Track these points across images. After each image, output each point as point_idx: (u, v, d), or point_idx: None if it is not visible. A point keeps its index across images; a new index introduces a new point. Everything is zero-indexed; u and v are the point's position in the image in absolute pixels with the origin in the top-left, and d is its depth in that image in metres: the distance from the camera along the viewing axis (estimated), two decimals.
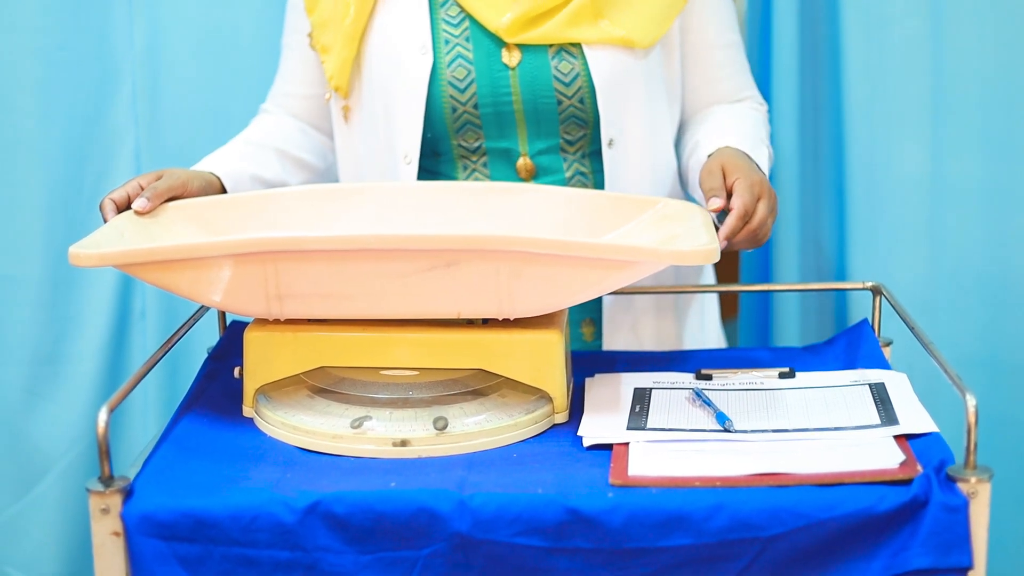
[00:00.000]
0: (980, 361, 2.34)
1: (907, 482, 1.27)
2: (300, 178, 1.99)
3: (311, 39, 1.94)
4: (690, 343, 1.99)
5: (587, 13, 1.82)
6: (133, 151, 2.36)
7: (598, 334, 1.94)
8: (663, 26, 1.86)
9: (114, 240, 1.51)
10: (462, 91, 1.83)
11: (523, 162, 1.86)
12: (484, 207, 1.72)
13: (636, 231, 1.63)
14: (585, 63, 1.82)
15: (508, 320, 1.48)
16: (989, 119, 2.26)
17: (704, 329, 2.03)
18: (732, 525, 1.25)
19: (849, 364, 1.66)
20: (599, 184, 1.89)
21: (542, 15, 1.82)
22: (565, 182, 1.88)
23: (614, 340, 1.93)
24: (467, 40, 1.83)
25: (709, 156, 1.74)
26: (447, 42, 1.84)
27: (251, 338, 1.51)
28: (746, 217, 1.60)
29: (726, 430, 1.43)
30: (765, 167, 1.76)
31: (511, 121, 1.85)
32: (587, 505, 1.26)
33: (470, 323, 1.50)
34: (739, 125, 1.87)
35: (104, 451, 1.30)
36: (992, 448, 2.31)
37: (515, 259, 1.41)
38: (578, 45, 1.83)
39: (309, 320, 1.50)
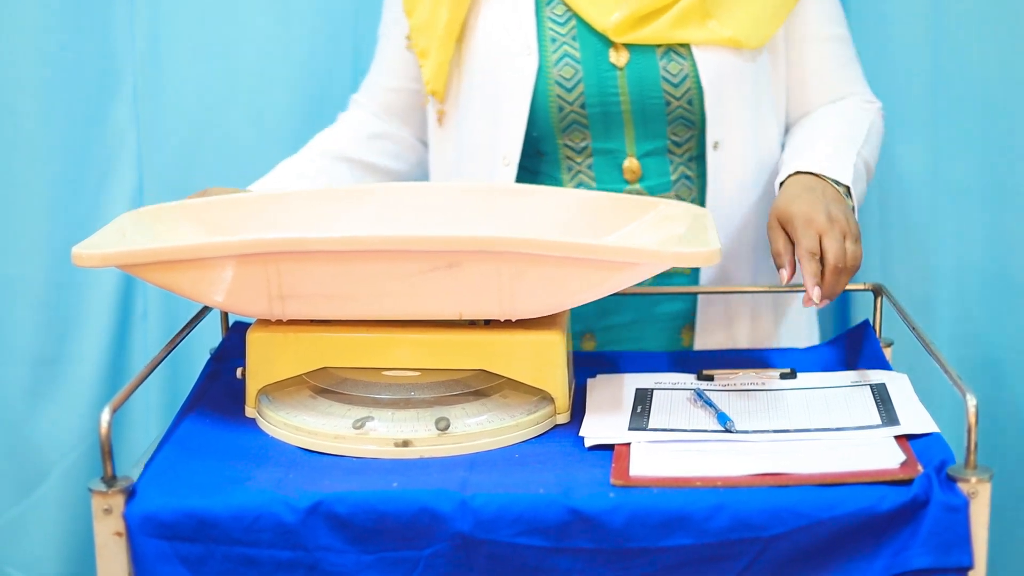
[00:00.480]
0: (980, 361, 2.35)
1: (908, 482, 1.27)
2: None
3: (409, 41, 1.95)
4: (786, 343, 1.97)
5: (695, 13, 1.80)
6: (134, 151, 2.37)
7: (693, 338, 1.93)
8: (772, 26, 1.85)
9: (116, 240, 1.51)
10: (569, 91, 1.82)
11: (629, 163, 1.85)
12: (486, 208, 1.73)
13: (638, 232, 1.63)
14: (694, 64, 1.81)
15: (510, 321, 1.48)
16: (988, 119, 2.27)
17: (809, 327, 2.01)
18: (733, 525, 1.25)
19: (850, 365, 1.67)
20: (703, 188, 1.88)
21: (650, 14, 1.81)
22: (670, 185, 1.86)
23: (706, 343, 1.92)
24: (574, 39, 1.83)
25: (779, 187, 1.70)
26: (553, 40, 1.83)
27: (253, 339, 1.51)
28: (815, 264, 1.55)
29: (727, 431, 1.43)
30: (846, 176, 1.70)
31: (618, 122, 1.84)
32: (589, 505, 1.26)
33: (472, 324, 1.50)
34: (826, 133, 1.83)
35: (107, 451, 1.30)
36: (993, 448, 2.32)
37: (517, 260, 1.41)
38: (686, 45, 1.82)
39: (311, 321, 1.50)
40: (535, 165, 1.90)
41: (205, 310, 1.70)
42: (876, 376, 1.58)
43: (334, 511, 1.27)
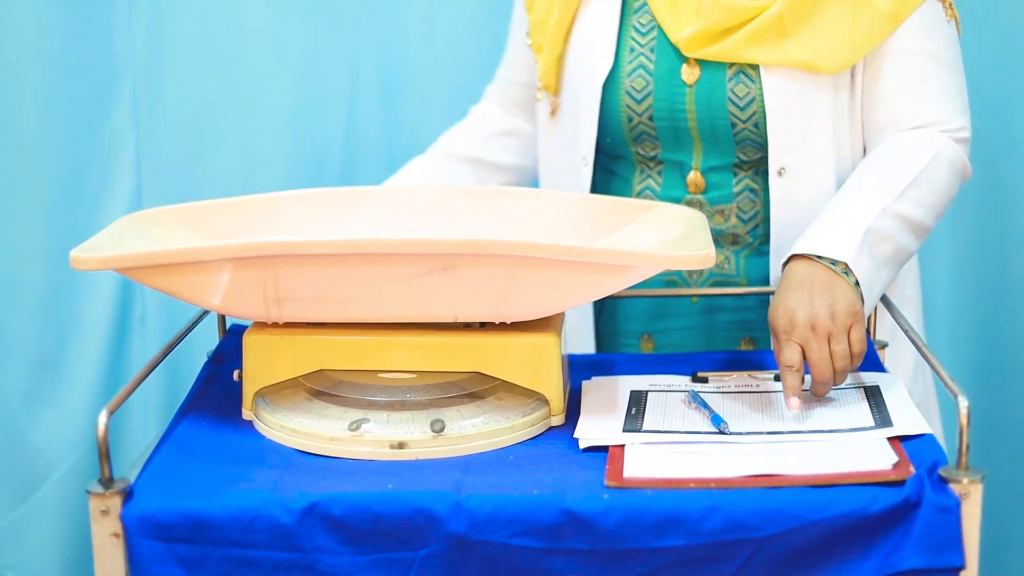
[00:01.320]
0: (977, 362, 2.35)
1: (900, 483, 1.28)
2: (499, 182, 2.05)
3: (529, 36, 1.96)
4: None
5: (772, 30, 1.74)
6: (134, 155, 2.38)
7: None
8: (856, 54, 1.74)
9: (115, 244, 1.51)
10: (639, 102, 1.82)
11: (693, 176, 1.84)
12: (483, 211, 1.73)
13: (634, 235, 1.64)
14: (760, 87, 1.76)
15: (505, 323, 1.49)
16: (983, 120, 2.27)
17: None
18: (726, 526, 1.26)
19: None
20: (767, 202, 1.82)
21: (725, 31, 1.76)
22: (732, 198, 1.83)
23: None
24: (652, 51, 1.81)
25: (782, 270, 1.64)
26: (632, 50, 1.83)
27: (250, 341, 1.52)
28: (794, 378, 1.49)
29: (721, 432, 1.44)
30: (845, 252, 1.57)
31: (687, 137, 1.83)
32: (582, 506, 1.27)
33: (467, 326, 1.51)
34: (853, 188, 1.69)
35: (104, 453, 1.31)
36: (990, 448, 2.33)
37: (512, 263, 1.42)
38: (756, 67, 1.76)
39: (308, 323, 1.51)
40: (614, 167, 1.91)
41: (203, 313, 1.71)
42: (870, 378, 1.59)
43: (330, 512, 1.28)
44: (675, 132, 1.83)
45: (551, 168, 1.97)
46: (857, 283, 1.57)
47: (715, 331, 1.91)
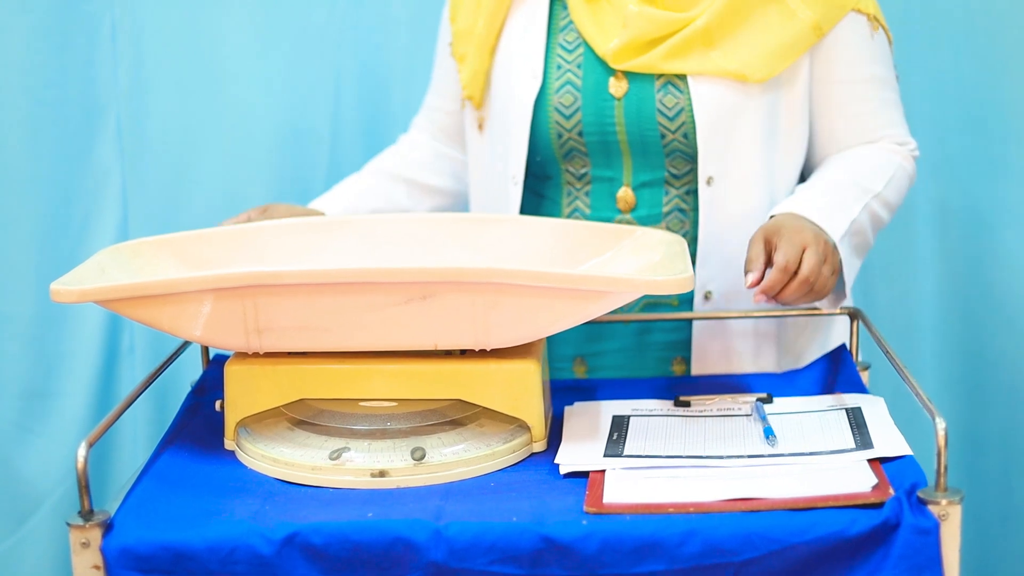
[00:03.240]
0: (962, 382, 2.35)
1: (879, 505, 1.28)
2: (431, 204, 2.04)
3: (451, 48, 1.96)
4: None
5: (698, 41, 1.76)
6: (119, 187, 2.39)
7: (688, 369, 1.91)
8: (784, 61, 1.77)
9: (95, 276, 1.52)
10: (568, 117, 1.82)
11: (623, 192, 1.84)
12: (461, 238, 1.74)
13: (614, 260, 1.64)
14: (689, 97, 1.78)
15: (485, 350, 1.49)
16: (968, 141, 2.28)
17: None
18: (705, 550, 1.26)
19: (827, 389, 1.68)
20: (696, 226, 1.84)
21: (651, 42, 1.78)
22: (661, 217, 1.84)
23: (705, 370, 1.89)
24: (578, 67, 1.82)
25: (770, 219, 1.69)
26: (559, 67, 1.84)
27: (231, 371, 1.52)
28: (788, 270, 1.57)
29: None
30: (836, 231, 1.67)
31: (616, 151, 1.83)
32: (561, 533, 1.27)
33: (448, 354, 1.51)
34: (837, 180, 1.78)
35: (83, 485, 1.32)
36: (975, 469, 2.33)
37: (491, 290, 1.42)
38: (684, 77, 1.78)
39: (289, 353, 1.51)
40: (542, 188, 1.91)
41: (184, 344, 1.71)
42: (852, 400, 1.59)
43: (309, 542, 1.28)
44: (605, 147, 1.83)
45: (480, 189, 1.97)
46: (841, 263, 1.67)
47: (648, 352, 1.92)
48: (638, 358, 1.92)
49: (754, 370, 1.87)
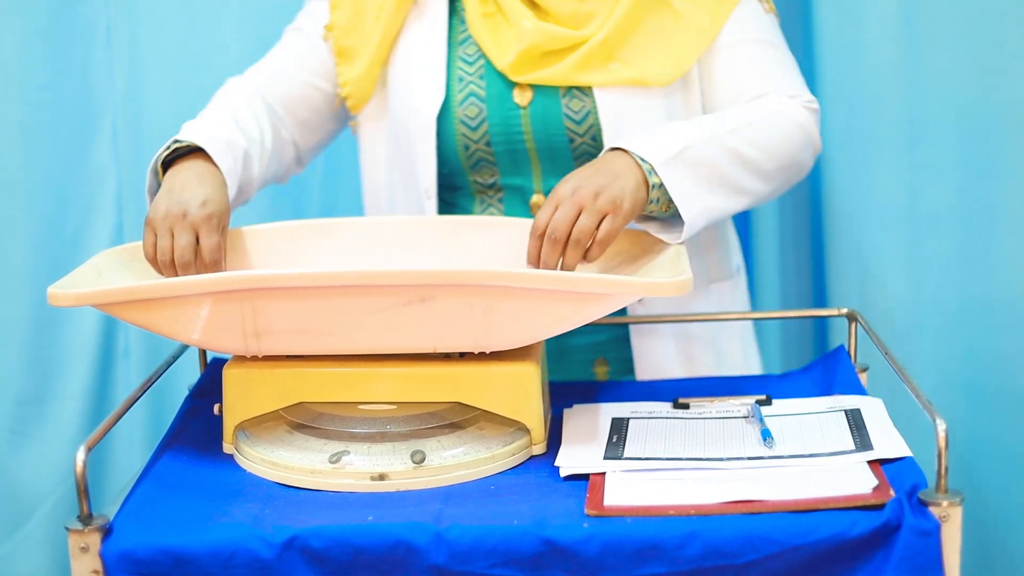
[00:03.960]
0: (962, 384, 2.35)
1: (879, 507, 1.28)
2: (277, 167, 1.90)
3: (327, 31, 1.90)
4: (727, 371, 1.95)
5: (597, 56, 1.78)
6: (115, 190, 2.38)
7: (613, 372, 1.92)
8: (681, 64, 1.80)
9: (92, 280, 1.52)
10: (474, 129, 1.82)
11: (536, 199, 1.85)
12: (461, 241, 1.74)
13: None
14: (595, 102, 1.80)
15: (484, 353, 1.49)
16: (965, 144, 2.28)
17: (744, 359, 1.98)
18: (706, 553, 1.26)
19: (826, 390, 1.67)
20: None
21: (549, 55, 1.79)
22: None
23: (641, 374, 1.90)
24: (480, 78, 1.83)
25: None
26: (460, 79, 1.83)
27: (230, 375, 1.52)
28: (537, 232, 1.56)
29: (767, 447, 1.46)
30: (654, 153, 1.61)
31: (525, 159, 1.84)
32: (562, 536, 1.27)
33: (447, 357, 1.51)
34: (684, 122, 1.73)
35: (82, 490, 1.31)
36: (975, 470, 2.33)
37: (490, 293, 1.42)
38: (589, 87, 1.80)
39: (287, 356, 1.51)
40: (453, 199, 1.90)
41: (183, 348, 1.71)
42: (851, 401, 1.59)
43: (310, 546, 1.28)
44: (513, 156, 1.84)
45: (383, 199, 1.94)
46: (660, 186, 1.61)
47: (569, 354, 1.92)
48: (560, 362, 1.91)
49: (684, 369, 1.90)
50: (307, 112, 1.93)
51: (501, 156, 1.84)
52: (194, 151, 1.70)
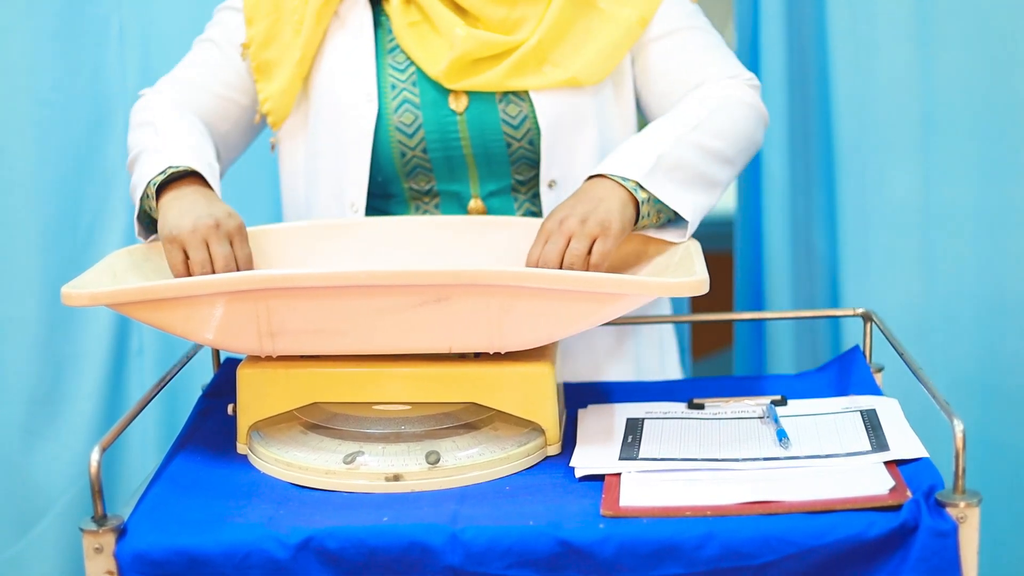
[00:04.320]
0: (976, 385, 2.35)
1: (896, 508, 1.28)
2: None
3: (243, 49, 1.87)
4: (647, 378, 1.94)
5: (530, 61, 1.79)
6: (127, 190, 2.38)
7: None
8: (612, 61, 1.82)
9: (106, 279, 1.51)
10: (410, 136, 1.81)
11: (474, 204, 1.84)
12: (474, 241, 1.73)
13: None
14: (532, 106, 1.80)
15: (499, 353, 1.48)
16: (979, 143, 2.27)
17: (663, 365, 1.98)
18: (723, 554, 1.26)
19: (841, 391, 1.67)
20: None
21: (482, 61, 1.79)
22: None
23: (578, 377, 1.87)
24: (414, 85, 1.81)
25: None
26: (394, 87, 1.82)
27: (244, 375, 1.52)
28: (536, 264, 1.58)
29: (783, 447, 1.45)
30: (634, 171, 1.63)
31: (462, 164, 1.83)
32: (578, 536, 1.26)
33: (462, 357, 1.51)
34: (642, 131, 1.76)
35: (97, 490, 1.31)
36: (989, 471, 2.32)
37: (505, 293, 1.42)
38: (525, 91, 1.80)
39: (301, 356, 1.51)
40: (384, 206, 1.88)
41: (197, 348, 1.71)
42: (866, 402, 1.58)
43: (325, 547, 1.28)
44: (449, 162, 1.83)
45: (306, 211, 1.90)
46: (648, 200, 1.63)
47: None
48: None
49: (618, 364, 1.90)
50: (226, 126, 1.90)
51: (438, 162, 1.83)
52: (183, 176, 1.68)
